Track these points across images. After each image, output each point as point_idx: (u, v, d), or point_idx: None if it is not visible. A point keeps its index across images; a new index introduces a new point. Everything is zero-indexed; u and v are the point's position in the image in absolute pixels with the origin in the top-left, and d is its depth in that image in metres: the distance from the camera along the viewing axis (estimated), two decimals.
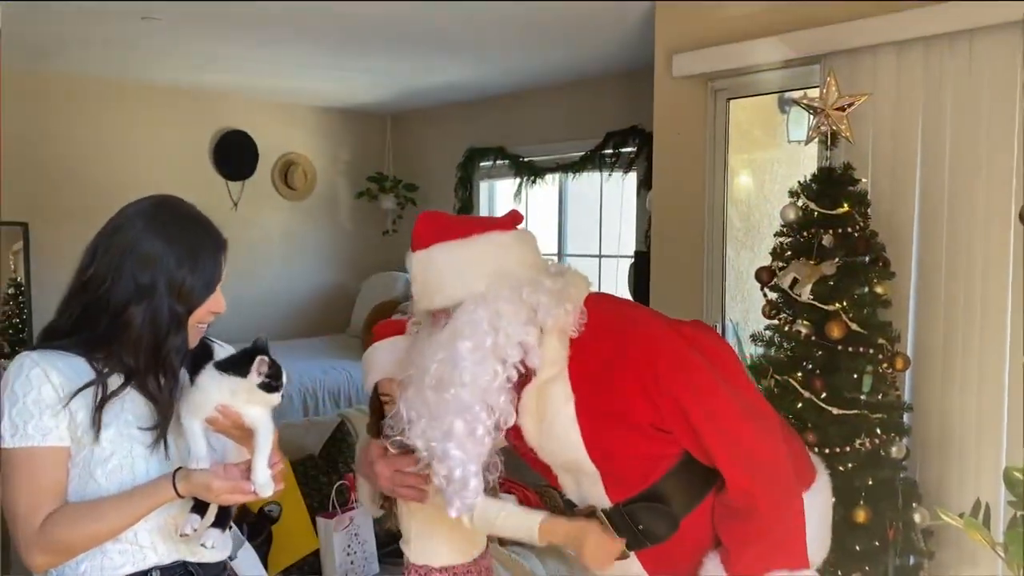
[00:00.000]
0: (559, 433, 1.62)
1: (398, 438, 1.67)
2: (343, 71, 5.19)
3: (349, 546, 2.65)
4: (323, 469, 2.86)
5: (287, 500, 2.65)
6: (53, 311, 1.47)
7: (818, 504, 1.71)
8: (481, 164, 6.12)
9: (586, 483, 1.66)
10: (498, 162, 5.96)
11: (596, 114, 5.17)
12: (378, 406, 1.86)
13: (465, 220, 1.70)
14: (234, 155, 6.07)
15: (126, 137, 5.60)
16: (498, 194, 6.34)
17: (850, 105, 2.48)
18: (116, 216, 1.44)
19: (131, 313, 1.38)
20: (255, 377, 1.38)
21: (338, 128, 6.68)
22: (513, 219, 1.69)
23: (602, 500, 1.65)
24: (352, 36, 4.29)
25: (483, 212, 6.31)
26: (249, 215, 6.10)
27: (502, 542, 2.88)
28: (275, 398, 1.40)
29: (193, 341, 1.47)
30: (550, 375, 1.61)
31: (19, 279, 5.23)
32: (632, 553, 1.67)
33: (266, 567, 1.67)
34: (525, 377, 1.62)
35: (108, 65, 5.04)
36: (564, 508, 1.86)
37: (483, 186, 6.29)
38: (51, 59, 4.86)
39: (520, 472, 3.09)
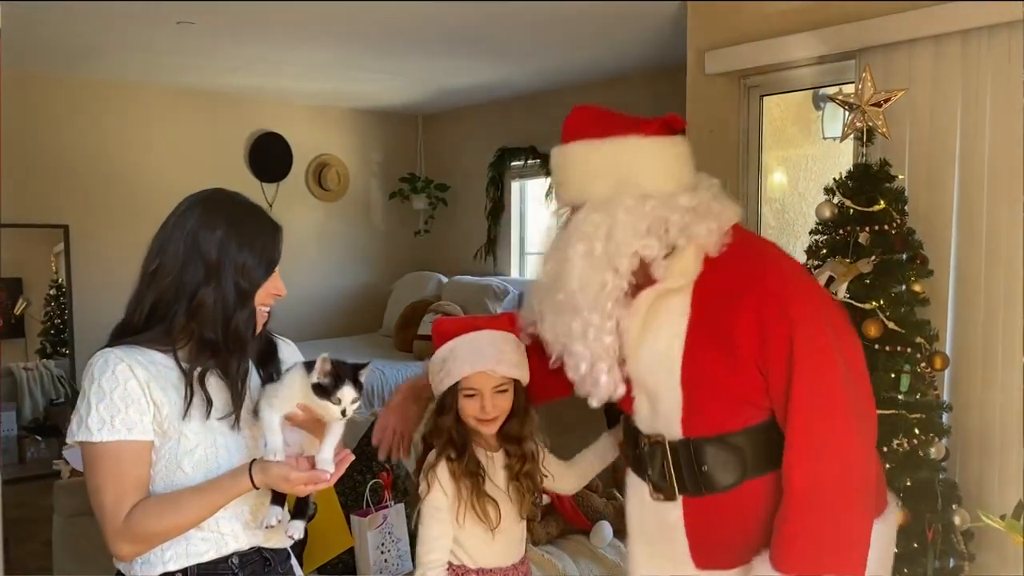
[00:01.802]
0: (661, 347, 1.55)
1: (530, 330, 1.69)
2: (375, 73, 5.22)
3: (383, 544, 2.67)
4: (357, 467, 2.88)
5: (322, 499, 2.67)
6: (94, 312, 1.52)
7: (885, 532, 1.61)
8: (512, 163, 6.13)
9: (663, 409, 1.57)
10: (529, 161, 5.96)
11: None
12: (453, 405, 1.82)
13: (612, 119, 1.63)
14: (268, 157, 6.15)
15: (163, 140, 5.69)
16: (529, 193, 6.34)
17: (886, 101, 2.44)
18: (174, 210, 1.51)
19: (204, 294, 1.43)
20: (314, 375, 1.44)
21: (370, 129, 6.73)
22: (665, 123, 1.61)
23: (673, 431, 1.57)
24: (383, 38, 4.32)
25: (514, 212, 6.32)
26: (283, 216, 6.06)
27: (534, 541, 2.88)
28: (330, 408, 1.44)
29: (261, 324, 1.52)
30: (673, 286, 1.54)
31: (60, 280, 5.33)
32: (681, 498, 1.58)
33: (301, 564, 1.69)
34: (644, 283, 1.56)
35: (144, 69, 5.12)
36: (626, 437, 1.75)
37: (515, 185, 6.29)
38: (89, 64, 4.95)
39: None
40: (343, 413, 1.45)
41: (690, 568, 1.59)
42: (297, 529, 1.50)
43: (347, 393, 1.44)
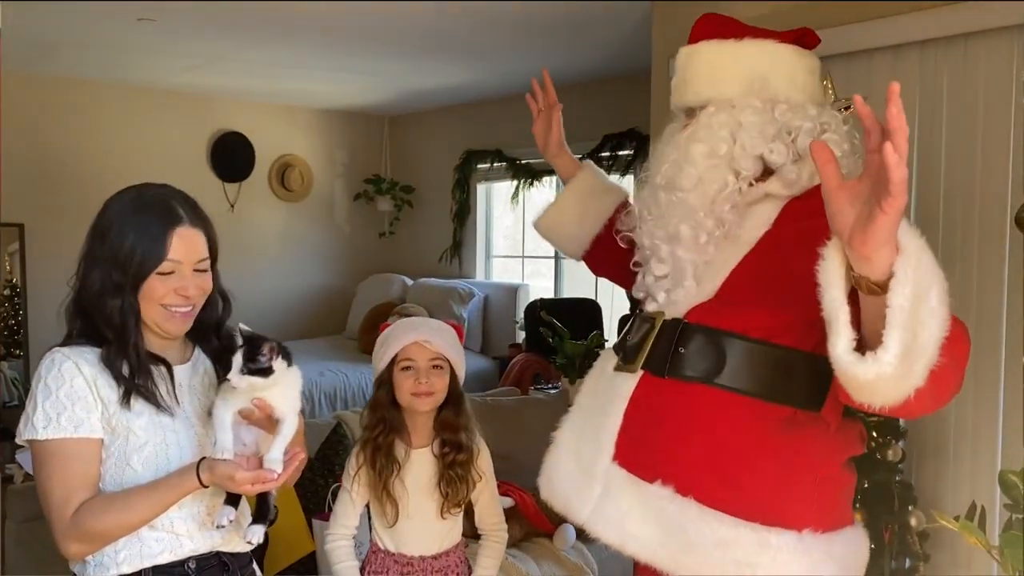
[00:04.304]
0: (726, 249, 1.49)
1: (626, 233, 1.64)
2: (340, 73, 5.19)
3: None
4: (319, 471, 2.85)
5: (283, 502, 2.64)
6: (49, 312, 1.50)
7: (848, 553, 1.49)
8: (478, 166, 6.13)
9: (681, 292, 1.50)
10: (495, 164, 5.96)
11: (593, 116, 5.18)
12: (388, 380, 1.89)
13: (744, 26, 1.59)
14: (231, 156, 6.08)
15: (123, 138, 5.60)
16: (495, 196, 6.34)
17: (847, 108, 2.48)
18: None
19: (91, 276, 1.43)
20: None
21: (335, 130, 6.69)
22: (800, 35, 1.57)
23: (678, 312, 1.51)
24: (350, 38, 4.30)
25: (480, 214, 6.32)
26: (246, 216, 6.10)
27: None
28: (238, 378, 1.39)
29: (171, 325, 1.47)
30: (773, 191, 1.49)
31: (15, 280, 5.22)
32: (642, 373, 1.50)
33: (262, 569, 1.67)
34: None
35: (105, 66, 5.03)
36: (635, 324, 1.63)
37: (480, 188, 6.29)
38: (48, 60, 4.85)
39: (516, 475, 3.09)
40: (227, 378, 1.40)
41: (606, 458, 1.50)
42: (255, 534, 1.48)
43: (235, 359, 1.39)
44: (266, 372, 1.39)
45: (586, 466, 1.54)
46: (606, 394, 1.56)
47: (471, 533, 2.03)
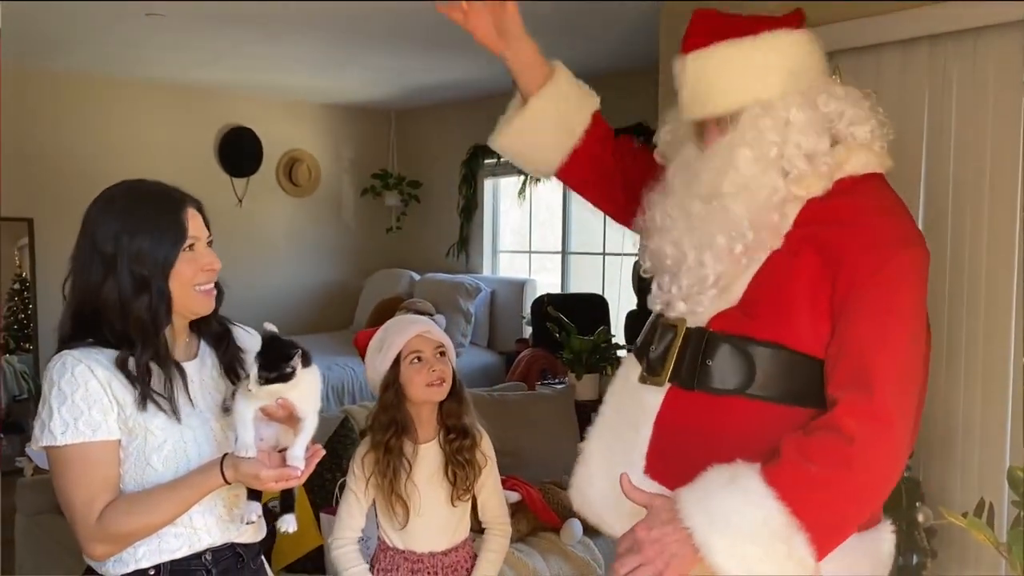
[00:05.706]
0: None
1: (644, 243, 1.55)
2: (348, 68, 5.19)
3: None
4: (327, 465, 2.86)
5: None
6: (58, 307, 1.50)
7: (873, 550, 1.51)
8: (485, 161, 6.12)
9: (704, 300, 1.45)
10: (502, 159, 5.94)
11: (601, 111, 5.16)
12: (395, 380, 1.88)
13: (747, 18, 1.47)
14: (239, 152, 6.09)
15: (131, 134, 5.62)
16: (502, 191, 6.34)
17: None
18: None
19: (105, 290, 1.41)
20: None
21: (343, 125, 6.69)
22: (799, 18, 1.48)
23: (701, 320, 1.46)
24: (357, 33, 4.30)
25: (487, 210, 6.32)
26: (253, 212, 6.11)
27: None
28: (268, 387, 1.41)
29: (201, 304, 1.48)
30: (795, 192, 1.41)
31: (24, 275, 5.25)
32: (668, 386, 1.46)
33: (269, 563, 1.68)
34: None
35: (113, 62, 5.05)
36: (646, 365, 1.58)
37: (487, 183, 6.30)
38: (56, 56, 4.87)
39: (523, 470, 3.09)
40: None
41: (637, 471, 1.47)
42: (289, 523, 1.50)
43: (253, 365, 1.42)
44: (287, 378, 1.40)
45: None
46: (633, 408, 1.53)
47: (478, 527, 2.04)
